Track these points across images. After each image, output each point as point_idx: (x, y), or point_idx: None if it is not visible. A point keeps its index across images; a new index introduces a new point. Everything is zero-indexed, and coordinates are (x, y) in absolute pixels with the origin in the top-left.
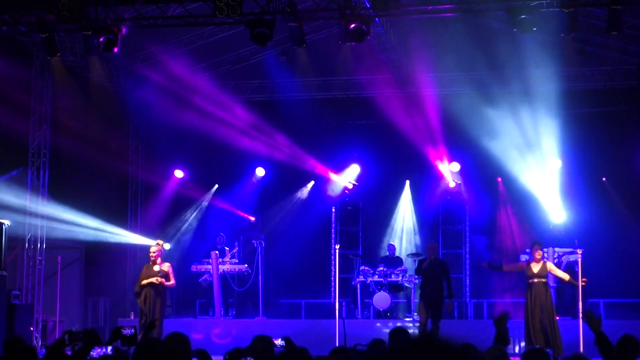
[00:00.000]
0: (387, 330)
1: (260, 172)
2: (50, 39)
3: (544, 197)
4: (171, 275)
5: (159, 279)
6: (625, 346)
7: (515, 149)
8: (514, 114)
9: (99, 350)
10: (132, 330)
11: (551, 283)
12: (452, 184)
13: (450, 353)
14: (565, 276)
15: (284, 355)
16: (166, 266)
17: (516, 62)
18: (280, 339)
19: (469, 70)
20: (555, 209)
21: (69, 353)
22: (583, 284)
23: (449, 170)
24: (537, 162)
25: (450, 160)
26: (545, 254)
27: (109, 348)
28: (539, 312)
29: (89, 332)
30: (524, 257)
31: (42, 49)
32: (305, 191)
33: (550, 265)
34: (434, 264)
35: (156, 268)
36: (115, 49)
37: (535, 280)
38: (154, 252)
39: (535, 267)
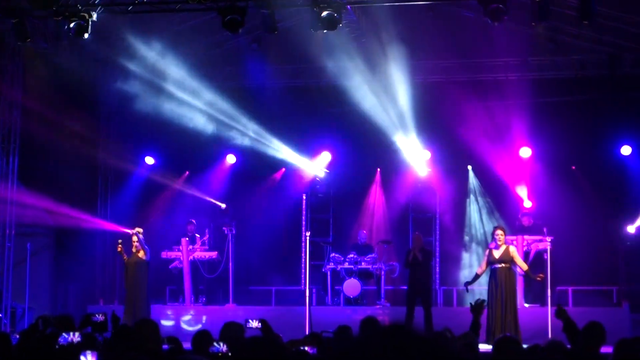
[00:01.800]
0: (358, 318)
1: (231, 159)
2: (21, 24)
3: (513, 186)
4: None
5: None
6: (591, 332)
7: (485, 138)
8: (484, 102)
9: (67, 337)
10: (102, 317)
11: (519, 271)
12: (422, 173)
13: (421, 342)
14: (524, 266)
15: (255, 341)
16: (142, 254)
17: (487, 51)
18: (256, 320)
19: (441, 59)
20: (524, 197)
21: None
22: (539, 279)
23: (419, 159)
24: (507, 151)
25: (421, 149)
26: (514, 242)
27: (77, 334)
28: (500, 299)
29: (62, 318)
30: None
31: (12, 35)
32: (275, 178)
33: (513, 251)
34: (421, 253)
35: (138, 256)
36: (86, 35)
37: (498, 265)
38: (136, 242)
39: (497, 253)
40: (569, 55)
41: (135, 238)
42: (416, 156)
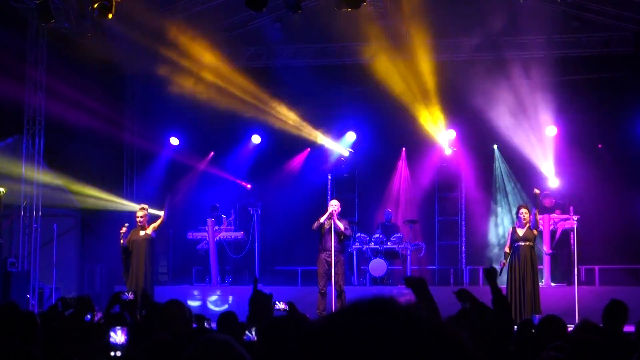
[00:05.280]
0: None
1: (256, 139)
2: (45, 5)
3: (539, 164)
4: (157, 222)
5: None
6: (613, 311)
7: (511, 116)
8: (509, 81)
9: (90, 317)
10: (132, 295)
11: (546, 250)
12: (448, 152)
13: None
14: (535, 231)
15: (281, 320)
16: (151, 228)
17: (512, 29)
18: (283, 303)
19: (465, 37)
20: (549, 176)
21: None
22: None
23: (445, 138)
24: (533, 129)
25: (447, 128)
26: (541, 221)
27: (99, 315)
28: (522, 276)
29: (82, 299)
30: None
31: (36, 16)
32: (301, 158)
33: (535, 232)
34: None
35: (142, 233)
36: (110, 16)
37: (522, 243)
38: (141, 217)
39: (521, 231)
40: (594, 33)
41: (140, 214)
42: (441, 135)
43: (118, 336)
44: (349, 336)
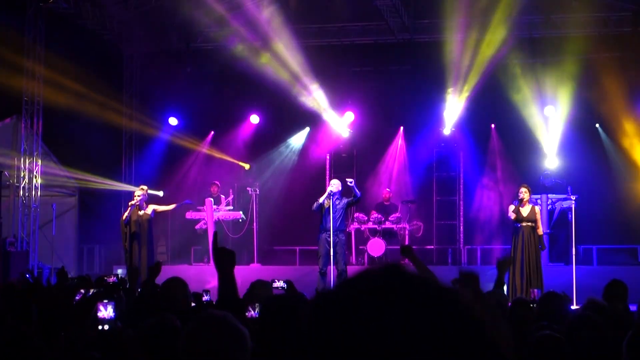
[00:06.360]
0: None
1: (254, 119)
2: None
3: (537, 144)
4: (161, 208)
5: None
6: (613, 290)
7: (509, 96)
8: (509, 60)
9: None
10: (116, 278)
11: (544, 229)
12: (446, 131)
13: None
14: (540, 230)
15: (282, 298)
16: (150, 209)
17: (510, 8)
18: (281, 281)
19: (463, 17)
20: (548, 155)
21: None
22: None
23: (442, 117)
24: (531, 109)
25: (444, 108)
26: (539, 201)
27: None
28: (526, 256)
29: (82, 279)
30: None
31: None
32: (299, 138)
33: (539, 212)
34: (335, 197)
35: (140, 213)
36: None
37: (524, 224)
38: (138, 196)
39: (524, 211)
40: (592, 13)
41: (137, 193)
42: (439, 115)
43: (106, 310)
44: (361, 298)
